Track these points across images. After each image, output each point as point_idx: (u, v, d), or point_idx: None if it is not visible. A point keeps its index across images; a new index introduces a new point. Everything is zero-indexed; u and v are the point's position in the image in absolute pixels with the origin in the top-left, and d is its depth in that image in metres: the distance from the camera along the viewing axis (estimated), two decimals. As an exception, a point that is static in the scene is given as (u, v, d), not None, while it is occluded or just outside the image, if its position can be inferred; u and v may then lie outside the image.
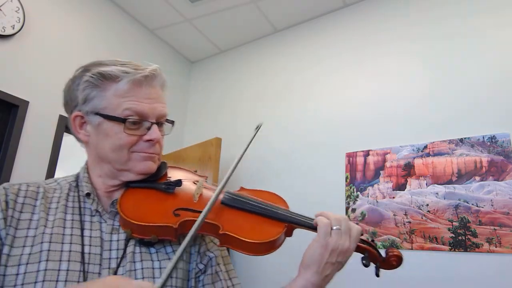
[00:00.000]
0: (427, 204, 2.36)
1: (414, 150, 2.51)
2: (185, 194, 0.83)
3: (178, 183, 0.83)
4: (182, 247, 0.63)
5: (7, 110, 2.50)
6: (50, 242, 0.72)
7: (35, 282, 0.67)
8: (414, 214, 2.39)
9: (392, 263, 0.82)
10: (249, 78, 3.65)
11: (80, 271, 0.71)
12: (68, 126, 0.85)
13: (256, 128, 0.91)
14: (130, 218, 0.74)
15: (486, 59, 2.42)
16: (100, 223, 0.79)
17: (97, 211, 0.80)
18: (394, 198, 2.50)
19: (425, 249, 2.28)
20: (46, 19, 2.78)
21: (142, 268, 0.75)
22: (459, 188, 2.29)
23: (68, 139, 3.01)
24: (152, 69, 0.81)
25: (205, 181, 0.92)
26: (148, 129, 0.80)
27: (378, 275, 0.82)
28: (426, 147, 2.48)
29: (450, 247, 2.21)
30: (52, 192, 0.81)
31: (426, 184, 2.41)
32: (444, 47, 2.60)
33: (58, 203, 0.79)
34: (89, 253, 0.74)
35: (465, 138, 2.35)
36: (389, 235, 2.43)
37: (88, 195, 0.80)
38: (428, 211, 2.34)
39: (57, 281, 0.68)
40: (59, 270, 0.69)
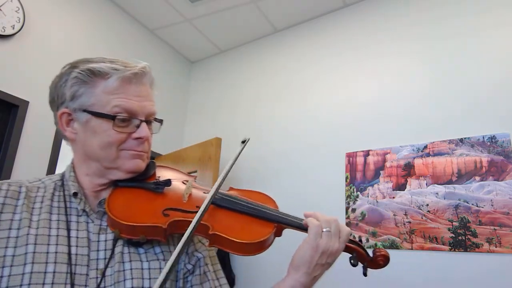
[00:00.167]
0: (427, 204, 2.36)
1: (414, 150, 2.52)
2: (174, 194, 0.83)
3: (168, 183, 0.82)
4: (177, 252, 0.62)
5: (7, 110, 2.50)
6: (36, 244, 0.70)
7: (21, 285, 0.65)
8: (414, 214, 2.39)
9: (379, 262, 0.83)
10: (249, 78, 3.65)
11: (67, 272, 0.69)
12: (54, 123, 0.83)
13: (242, 142, 0.90)
14: (119, 218, 0.72)
15: (486, 59, 2.42)
16: (87, 223, 0.77)
17: (84, 211, 0.78)
18: (394, 198, 2.50)
19: (425, 249, 2.29)
20: (46, 19, 2.78)
21: (131, 269, 0.74)
22: (459, 188, 2.29)
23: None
24: (141, 66, 0.81)
25: (194, 180, 0.91)
26: (137, 127, 0.79)
27: (365, 274, 0.84)
28: (426, 147, 2.48)
29: (450, 247, 2.21)
30: (36, 191, 0.78)
31: (426, 184, 2.41)
32: (444, 47, 2.60)
33: (42, 202, 0.77)
34: (76, 254, 0.72)
35: (465, 138, 2.35)
36: (389, 235, 2.43)
37: (75, 194, 0.78)
38: (428, 211, 2.34)
39: (43, 283, 0.67)
40: (45, 273, 0.68)
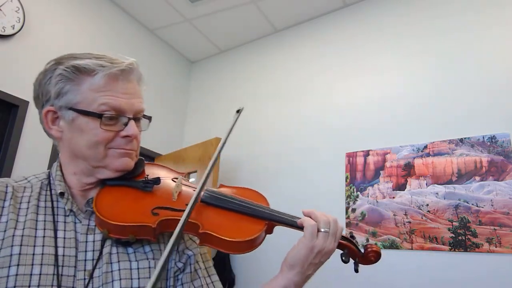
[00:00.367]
0: (427, 204, 2.36)
1: (414, 150, 2.52)
2: (163, 192, 0.81)
3: (157, 181, 0.81)
4: (167, 251, 0.61)
5: (7, 110, 2.50)
6: (21, 246, 0.68)
7: None
8: (414, 214, 2.39)
9: (371, 258, 0.83)
10: (249, 78, 3.65)
11: (54, 274, 0.68)
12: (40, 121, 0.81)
13: (237, 112, 0.89)
14: (107, 218, 0.71)
15: (486, 59, 2.42)
16: (75, 223, 0.75)
17: (71, 210, 0.76)
18: (394, 198, 2.50)
19: (425, 249, 2.29)
20: (46, 19, 2.78)
21: (119, 269, 0.72)
22: (459, 188, 2.29)
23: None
24: (128, 63, 0.78)
25: (184, 178, 0.89)
26: (125, 124, 0.77)
27: (357, 270, 0.83)
28: (426, 147, 2.48)
29: (450, 247, 2.21)
30: (22, 191, 0.76)
31: (426, 184, 2.41)
32: (444, 47, 2.60)
33: (28, 202, 0.75)
34: (63, 255, 0.70)
35: (465, 138, 2.35)
36: (389, 235, 2.43)
37: (61, 194, 0.76)
38: (428, 211, 2.34)
39: (29, 286, 0.65)
40: (31, 275, 0.66)
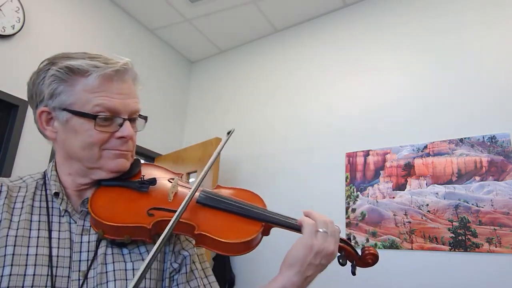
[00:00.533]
0: (427, 204, 2.36)
1: (414, 150, 2.52)
2: (159, 193, 0.81)
3: (152, 182, 0.80)
4: (154, 250, 0.61)
5: (7, 110, 2.50)
6: (15, 246, 0.67)
7: None
8: (414, 214, 2.39)
9: (368, 261, 0.82)
10: (249, 78, 3.65)
11: (47, 275, 0.67)
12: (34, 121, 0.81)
13: (228, 133, 0.88)
14: (102, 219, 0.71)
15: (486, 59, 2.42)
16: (70, 223, 0.75)
17: (66, 211, 0.76)
18: (394, 198, 2.50)
19: (425, 249, 2.29)
20: (46, 19, 2.78)
21: (114, 270, 0.72)
22: (459, 188, 2.29)
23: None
24: (123, 63, 0.77)
25: (180, 179, 0.88)
26: (120, 125, 0.76)
27: (354, 273, 0.82)
28: (426, 147, 2.48)
29: (450, 247, 2.21)
30: (17, 191, 0.76)
31: (426, 184, 2.41)
32: (444, 47, 2.60)
33: (23, 202, 0.74)
34: (57, 256, 0.70)
35: (465, 138, 2.35)
36: (389, 235, 2.43)
37: (56, 194, 0.76)
38: (428, 211, 2.34)
39: (23, 286, 0.65)
40: (24, 275, 0.65)
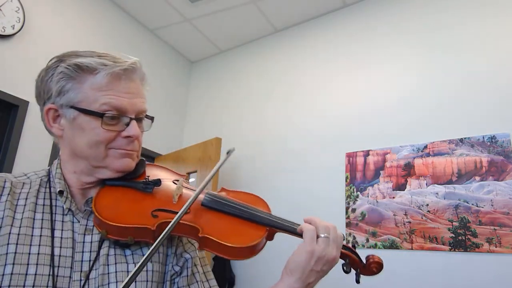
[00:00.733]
0: (427, 204, 2.36)
1: (414, 150, 2.52)
2: (164, 194, 0.80)
3: (157, 183, 0.80)
4: (152, 249, 0.60)
5: (7, 110, 2.50)
6: (17, 244, 0.67)
7: (0, 287, 0.63)
8: (414, 214, 2.39)
9: (373, 269, 0.81)
10: (249, 78, 3.65)
11: (49, 275, 0.67)
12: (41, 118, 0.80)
13: (227, 153, 0.87)
14: (106, 219, 0.70)
15: (487, 59, 2.42)
16: (73, 222, 0.74)
17: (69, 210, 0.75)
18: (394, 198, 2.50)
19: (425, 249, 2.29)
20: (46, 19, 2.78)
21: (116, 272, 0.71)
22: (459, 188, 2.29)
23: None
24: (131, 62, 0.77)
25: (185, 180, 0.88)
26: (126, 125, 0.76)
27: (358, 281, 0.81)
28: (426, 147, 2.48)
29: (450, 247, 2.21)
30: (20, 187, 0.75)
31: (426, 184, 2.41)
32: (444, 48, 2.60)
33: (26, 199, 0.74)
34: (59, 255, 0.69)
35: (465, 138, 2.35)
36: (389, 235, 2.43)
37: (60, 192, 0.75)
38: (428, 211, 2.34)
39: (24, 286, 0.64)
40: (26, 275, 0.65)
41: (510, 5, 2.43)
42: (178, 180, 0.86)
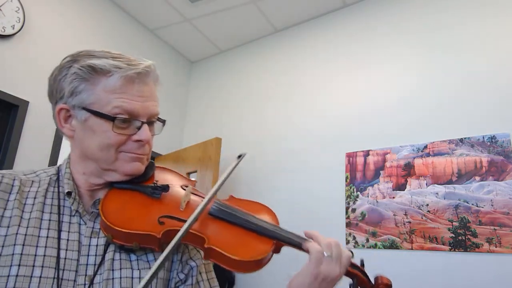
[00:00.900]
0: (427, 204, 2.36)
1: (414, 150, 2.52)
2: (171, 200, 0.79)
3: (165, 188, 0.78)
4: (161, 259, 0.60)
5: (7, 110, 2.50)
6: (24, 245, 0.67)
7: None
8: (414, 214, 2.39)
9: None
10: (249, 78, 3.65)
11: (54, 278, 0.66)
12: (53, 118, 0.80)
13: (238, 157, 0.86)
14: (112, 223, 0.69)
15: (487, 59, 2.42)
16: (80, 224, 0.74)
17: (77, 211, 0.75)
18: (394, 198, 2.50)
19: (425, 249, 2.28)
20: (46, 19, 2.78)
21: (120, 277, 0.71)
22: (459, 188, 2.29)
23: (68, 139, 3.00)
24: (146, 65, 0.77)
25: (194, 186, 0.86)
26: (138, 128, 0.75)
27: None
28: (426, 147, 2.48)
29: (450, 247, 2.21)
30: (29, 186, 0.75)
31: (426, 184, 2.41)
32: (445, 47, 2.60)
33: (35, 198, 0.73)
34: (65, 258, 0.69)
35: (465, 138, 2.35)
36: (389, 235, 2.43)
37: (69, 194, 0.75)
38: (428, 211, 2.34)
39: None
40: (31, 277, 0.65)
41: (510, 5, 2.43)
42: (187, 186, 0.84)
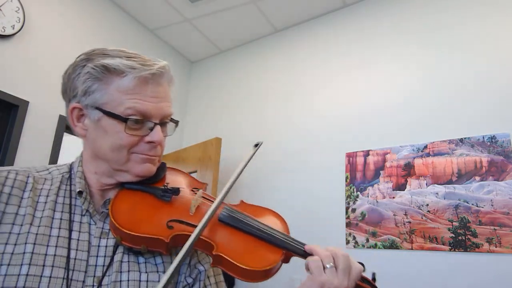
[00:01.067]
0: (427, 204, 2.36)
1: (414, 150, 2.51)
2: (181, 203, 0.78)
3: (176, 192, 0.78)
4: (173, 268, 0.59)
5: (7, 110, 2.50)
6: (35, 244, 0.67)
7: (15, 287, 0.62)
8: (414, 214, 2.39)
9: None
10: (249, 78, 3.65)
11: (63, 278, 0.66)
12: (66, 116, 0.80)
13: (255, 146, 0.85)
14: (121, 226, 0.69)
15: (487, 59, 2.42)
16: (90, 224, 0.74)
17: (87, 211, 0.75)
18: (394, 198, 2.50)
19: (425, 249, 2.28)
20: (46, 19, 2.78)
21: (128, 280, 0.70)
22: (459, 188, 2.29)
23: (68, 139, 3.00)
24: (160, 66, 0.77)
25: (204, 190, 0.85)
26: (150, 129, 0.75)
27: None
28: (426, 147, 2.48)
29: (450, 247, 2.21)
30: (42, 183, 0.75)
31: (426, 184, 2.41)
32: (445, 47, 2.60)
33: (47, 197, 0.73)
34: (75, 258, 0.69)
35: (465, 138, 2.35)
36: (389, 235, 2.43)
37: (80, 193, 0.75)
38: (428, 211, 2.34)
39: None
40: (41, 277, 0.65)
41: (510, 5, 2.43)
42: (197, 189, 0.83)
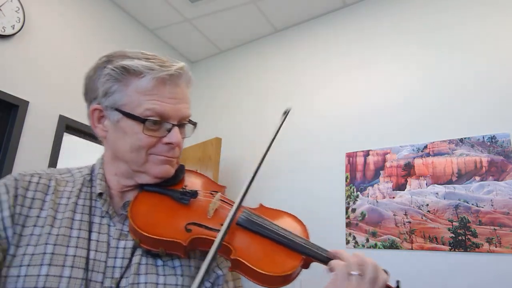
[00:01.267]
0: (427, 204, 2.36)
1: (414, 150, 2.52)
2: (199, 206, 0.78)
3: (194, 194, 0.77)
4: (199, 278, 0.58)
5: (7, 110, 2.50)
6: (55, 245, 0.67)
7: (35, 287, 0.63)
8: (414, 214, 2.39)
9: None
10: (249, 78, 3.65)
11: (82, 279, 0.67)
12: (87, 117, 0.81)
13: (284, 114, 0.83)
14: (140, 228, 0.69)
15: (487, 59, 2.42)
16: (109, 226, 0.75)
17: (107, 212, 0.75)
18: (394, 198, 2.50)
19: (425, 249, 2.29)
20: (46, 19, 2.78)
21: (146, 283, 0.70)
22: (459, 188, 2.29)
23: (68, 139, 3.00)
24: (178, 67, 0.77)
25: (222, 193, 0.85)
26: (168, 131, 0.75)
27: None
28: (426, 147, 2.48)
29: (450, 247, 2.21)
30: (64, 185, 0.76)
31: (426, 184, 2.41)
32: (445, 47, 2.60)
33: (68, 199, 0.74)
34: (94, 259, 0.70)
35: (465, 138, 2.35)
36: (389, 235, 2.43)
37: (100, 195, 0.76)
38: (428, 211, 2.34)
39: None
40: (61, 277, 0.65)
41: (510, 5, 2.43)
42: (216, 192, 0.83)
